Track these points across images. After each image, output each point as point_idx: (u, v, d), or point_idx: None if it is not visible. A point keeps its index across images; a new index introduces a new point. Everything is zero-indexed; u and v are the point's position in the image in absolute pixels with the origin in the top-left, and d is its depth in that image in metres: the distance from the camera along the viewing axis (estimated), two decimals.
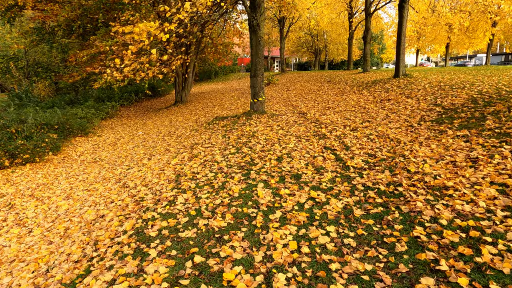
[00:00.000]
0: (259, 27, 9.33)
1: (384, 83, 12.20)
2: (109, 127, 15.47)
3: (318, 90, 14.56)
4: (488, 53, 29.46)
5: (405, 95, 9.60)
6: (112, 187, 6.20)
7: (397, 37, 12.42)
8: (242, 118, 9.45)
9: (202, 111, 13.72)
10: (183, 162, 6.41)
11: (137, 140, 11.07)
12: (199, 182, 5.02)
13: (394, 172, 4.47)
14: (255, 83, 9.72)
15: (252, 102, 9.88)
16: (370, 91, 11.53)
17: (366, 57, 18.58)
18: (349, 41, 24.02)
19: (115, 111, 19.50)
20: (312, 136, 7.01)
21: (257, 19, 9.24)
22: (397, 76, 12.47)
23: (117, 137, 12.73)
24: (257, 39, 9.44)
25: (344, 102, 10.71)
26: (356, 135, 6.66)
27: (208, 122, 10.32)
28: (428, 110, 7.55)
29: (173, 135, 10.04)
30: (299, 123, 8.58)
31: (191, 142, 8.14)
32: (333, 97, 12.02)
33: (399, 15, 12.20)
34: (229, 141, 7.32)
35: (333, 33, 30.20)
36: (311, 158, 5.57)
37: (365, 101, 10.12)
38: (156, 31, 7.06)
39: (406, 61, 63.18)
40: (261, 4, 9.28)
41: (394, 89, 10.77)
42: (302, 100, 12.72)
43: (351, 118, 8.39)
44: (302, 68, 46.63)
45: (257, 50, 9.52)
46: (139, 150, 9.02)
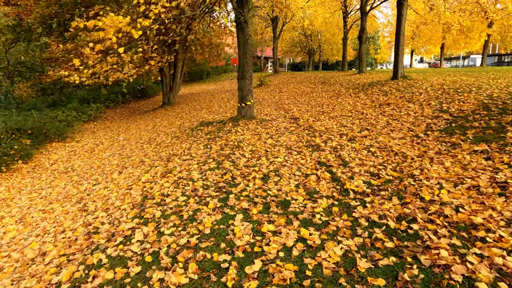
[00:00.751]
0: (247, 24, 8.42)
1: (382, 85, 11.36)
2: (90, 131, 14.46)
3: (312, 92, 13.69)
4: (484, 54, 28.84)
5: (406, 99, 8.76)
6: (70, 208, 5.24)
7: (395, 36, 11.59)
8: (229, 124, 8.54)
9: (188, 115, 12.77)
10: (155, 178, 5.48)
11: (116, 147, 10.11)
12: (167, 209, 4.10)
13: (404, 199, 3.59)
14: (242, 86, 8.81)
15: (240, 106, 8.97)
16: (367, 94, 10.67)
17: (361, 57, 17.76)
18: (343, 41, 23.20)
19: (99, 113, 18.45)
20: (304, 147, 6.12)
21: (244, 15, 8.33)
22: (396, 78, 11.64)
23: (96, 143, 11.75)
24: (244, 37, 8.53)
25: (339, 106, 9.84)
26: (355, 147, 5.78)
27: (192, 128, 9.39)
28: (434, 117, 6.69)
29: (153, 142, 9.09)
30: (290, 131, 7.69)
31: (169, 152, 7.20)
32: (328, 100, 11.15)
33: (398, 13, 11.37)
34: (210, 152, 6.40)
35: (327, 33, 29.39)
36: (302, 177, 4.67)
37: (363, 106, 9.26)
38: (127, 27, 6.12)
39: None
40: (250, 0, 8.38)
41: (393, 92, 9.92)
42: (294, 103, 11.84)
43: (347, 125, 7.51)
44: (296, 69, 45.78)
45: (245, 49, 8.61)
46: (113, 160, 8.06)
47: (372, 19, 21.47)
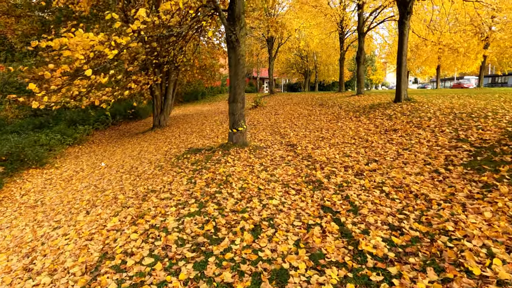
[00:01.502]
0: (239, 43, 7.61)
1: (385, 108, 10.54)
2: (73, 156, 13.43)
3: (309, 115, 12.85)
4: (481, 75, 28.48)
5: (414, 124, 7.89)
6: (15, 265, 4.18)
7: (397, 57, 10.87)
8: (218, 153, 7.58)
9: (177, 139, 11.82)
10: (122, 225, 4.46)
11: (95, 176, 9.09)
12: (125, 278, 3.08)
13: (444, 273, 2.61)
14: (234, 110, 7.92)
15: (231, 132, 8.04)
16: (370, 118, 9.82)
17: (359, 78, 17.09)
18: (340, 62, 22.65)
19: (86, 136, 17.48)
20: (304, 184, 5.15)
21: (236, 33, 7.54)
22: (399, 101, 10.84)
23: (76, 170, 10.72)
24: (236, 58, 7.70)
25: (340, 131, 8.96)
26: (364, 185, 4.82)
27: (178, 156, 8.42)
28: (453, 147, 5.79)
29: (133, 172, 8.08)
30: (287, 161, 6.74)
31: (148, 187, 6.20)
32: (327, 124, 10.28)
33: (400, 33, 10.69)
34: (194, 189, 5.41)
35: (324, 54, 29.02)
36: (303, 228, 3.68)
37: (366, 131, 8.37)
38: (99, 46, 5.25)
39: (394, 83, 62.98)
40: (241, 16, 7.60)
41: (399, 116, 9.07)
42: (291, 127, 10.96)
43: (352, 154, 6.58)
44: (292, 89, 45.41)
45: (237, 70, 7.78)
46: (86, 195, 7.03)
47: (369, 40, 21.00)
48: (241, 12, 7.60)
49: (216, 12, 7.54)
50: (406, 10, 10.30)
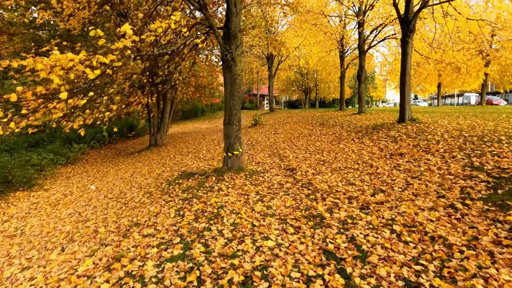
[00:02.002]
0: (235, 62, 7.18)
1: (388, 129, 10.03)
2: (65, 177, 12.88)
3: (310, 134, 12.35)
4: (483, 92, 28.16)
5: (422, 148, 7.35)
6: None
7: (400, 76, 10.44)
8: (212, 179, 7.03)
9: (172, 161, 11.29)
10: (95, 270, 3.87)
11: (82, 201, 8.53)
12: None
13: None
14: (229, 132, 7.42)
15: (226, 156, 7.51)
16: (373, 139, 9.30)
17: (361, 96, 16.68)
18: (340, 79, 22.33)
19: (81, 155, 16.97)
20: (303, 220, 4.58)
21: (232, 52, 7.11)
22: (403, 121, 10.34)
23: (65, 193, 10.16)
24: (232, 77, 7.26)
25: (342, 154, 8.42)
26: (371, 221, 4.25)
27: (170, 181, 7.87)
28: (467, 177, 5.23)
29: (121, 199, 7.52)
30: (286, 189, 6.18)
31: (132, 219, 5.62)
32: (328, 146, 9.75)
33: (402, 51, 10.30)
34: (181, 223, 4.84)
35: (324, 71, 28.80)
36: (302, 283, 3.09)
37: (370, 155, 7.83)
38: (79, 66, 4.78)
39: (397, 100, 62.62)
40: (238, 34, 7.20)
41: (404, 138, 8.55)
42: (291, 148, 10.44)
43: (356, 182, 6.02)
44: (292, 106, 45.18)
45: (233, 90, 7.32)
46: (67, 225, 6.45)
47: (370, 58, 20.72)
48: (237, 30, 7.20)
49: (211, 30, 7.14)
50: (408, 28, 9.93)
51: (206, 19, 6.91)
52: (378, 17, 14.64)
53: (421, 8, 9.55)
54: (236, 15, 7.18)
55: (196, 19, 7.13)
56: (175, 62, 9.90)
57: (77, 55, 4.78)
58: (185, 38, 7.10)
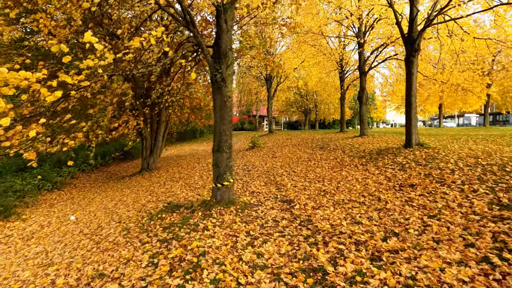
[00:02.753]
0: (225, 82, 6.45)
1: (394, 155, 9.20)
2: (48, 204, 11.97)
3: (309, 159, 11.51)
4: (486, 113, 27.49)
5: (435, 179, 6.49)
6: None
7: (406, 97, 9.71)
8: (198, 214, 6.15)
9: (160, 188, 10.41)
10: None
11: (56, 236, 7.63)
12: None
13: None
14: (219, 161, 6.59)
15: (215, 188, 6.65)
16: (378, 166, 8.45)
17: (362, 118, 15.94)
18: (341, 101, 21.66)
19: (70, 179, 16.10)
20: (301, 276, 3.66)
21: (222, 72, 6.39)
22: (410, 146, 9.52)
23: (43, 224, 9.26)
24: (222, 99, 6.50)
25: (345, 183, 7.56)
26: (386, 280, 3.35)
27: (152, 215, 6.97)
28: (498, 218, 4.34)
29: (96, 236, 6.62)
30: (281, 228, 5.28)
31: (98, 267, 4.71)
32: (330, 173, 8.90)
33: (407, 71, 9.60)
34: (152, 278, 3.92)
35: (324, 92, 28.24)
36: None
37: (376, 185, 6.96)
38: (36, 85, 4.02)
39: (397, 121, 62.01)
40: (228, 53, 6.50)
41: (413, 166, 7.70)
42: (289, 174, 9.58)
43: (363, 221, 5.13)
44: (292, 127, 44.57)
45: (223, 113, 6.55)
46: (26, 271, 5.52)
47: (370, 79, 20.14)
48: (228, 48, 6.51)
49: (200, 48, 6.44)
50: (413, 47, 9.28)
51: (194, 36, 6.21)
52: (379, 37, 14.11)
53: (426, 26, 8.92)
54: (226, 32, 6.51)
55: (183, 36, 6.45)
56: (164, 83, 9.19)
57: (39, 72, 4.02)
58: (167, 57, 6.38)
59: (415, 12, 9.08)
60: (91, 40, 4.09)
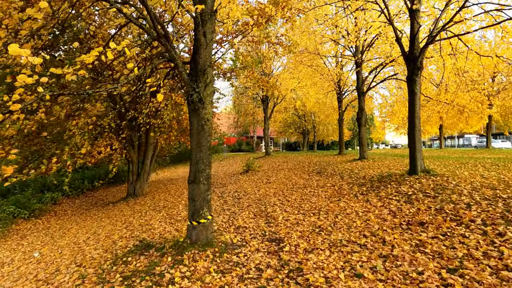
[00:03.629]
0: (203, 103, 5.55)
1: (398, 183, 8.19)
2: (20, 235, 10.87)
3: (305, 186, 10.50)
4: (488, 134, 26.62)
5: (449, 215, 5.47)
6: None
7: (408, 119, 8.81)
8: (167, 258, 5.11)
9: (139, 219, 9.34)
10: None
11: (14, 275, 6.54)
12: None
13: None
14: (195, 194, 5.60)
15: (190, 225, 5.62)
16: (381, 197, 7.44)
17: (362, 141, 15.01)
18: (339, 122, 20.82)
19: (52, 205, 15.02)
20: None
21: (199, 91, 5.52)
22: (415, 173, 8.53)
23: (4, 262, 8.16)
24: (199, 123, 5.59)
25: (343, 218, 6.53)
26: None
27: (117, 258, 5.91)
28: None
29: (48, 284, 5.54)
30: (264, 281, 4.23)
31: None
32: (326, 203, 7.88)
33: (409, 91, 8.74)
34: None
35: (322, 113, 27.47)
36: None
37: (380, 221, 5.94)
38: None
39: (397, 141, 61.19)
40: (207, 70, 5.64)
41: (421, 198, 6.69)
42: (282, 204, 8.56)
43: (365, 273, 4.08)
44: (290, 148, 43.68)
45: (200, 139, 5.61)
46: None
47: (369, 99, 19.35)
48: (207, 65, 5.66)
49: (174, 63, 5.58)
50: (415, 65, 8.46)
51: (166, 50, 5.37)
52: (378, 57, 13.38)
53: (428, 43, 8.13)
54: (205, 46, 5.67)
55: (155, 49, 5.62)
56: (145, 104, 8.33)
57: None
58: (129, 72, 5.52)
59: (417, 28, 8.32)
60: (20, 53, 3.22)
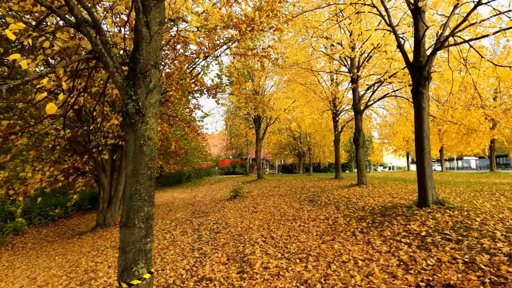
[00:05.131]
0: (142, 115, 3.99)
1: (407, 218, 6.52)
2: None
3: (295, 218, 8.81)
4: (492, 156, 25.06)
5: (485, 271, 3.80)
6: None
7: (415, 140, 7.24)
8: None
9: (90, 262, 7.58)
10: None
11: None
12: None
13: None
14: (127, 242, 3.92)
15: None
16: (386, 238, 5.76)
17: (360, 164, 13.40)
18: (335, 144, 19.28)
19: (14, 236, 13.20)
20: None
21: (138, 99, 3.97)
22: (425, 205, 6.88)
23: None
24: (136, 142, 3.99)
25: (338, 268, 4.84)
26: None
27: None
28: None
29: None
30: None
31: None
32: (317, 244, 6.18)
33: (416, 106, 7.23)
34: None
35: (317, 135, 25.96)
36: None
37: (387, 278, 4.24)
38: None
39: (395, 163, 59.47)
40: (150, 72, 4.11)
41: (438, 241, 5.02)
42: (265, 243, 6.86)
43: None
44: (286, 171, 41.97)
45: (137, 165, 3.99)
46: None
47: (366, 120, 17.88)
48: (151, 64, 4.14)
49: (101, 60, 4.06)
50: (422, 75, 7.00)
51: (90, 42, 3.87)
52: (376, 72, 11.99)
53: (437, 49, 6.71)
54: (149, 41, 4.18)
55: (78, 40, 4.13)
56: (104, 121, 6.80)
57: None
58: None
59: (423, 31, 6.92)
60: None
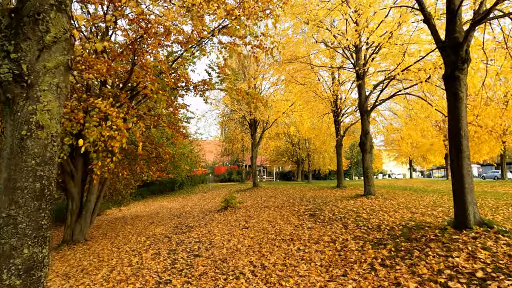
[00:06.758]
0: (30, 88, 2.27)
1: (443, 245, 4.76)
2: None
3: (292, 238, 7.04)
4: (503, 163, 23.36)
5: None
6: None
7: (450, 140, 5.52)
8: None
9: None
10: None
11: None
12: None
13: None
14: None
15: None
16: (421, 276, 3.97)
17: (367, 172, 11.65)
18: (337, 149, 17.55)
19: None
20: None
21: (20, 59, 2.27)
22: (465, 226, 5.12)
23: None
24: (15, 132, 2.30)
25: None
26: None
27: None
28: None
29: None
30: None
31: None
32: (323, 283, 4.41)
33: (451, 96, 5.50)
34: None
35: (317, 140, 24.22)
36: None
37: None
38: None
39: (395, 171, 57.75)
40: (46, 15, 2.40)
41: (504, 284, 3.28)
42: (252, 275, 5.13)
43: None
44: (285, 178, 40.14)
45: (14, 172, 2.27)
46: None
47: (372, 122, 16.15)
48: (50, 3, 2.43)
49: None
50: (458, 56, 5.30)
51: None
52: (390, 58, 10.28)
53: (479, 20, 5.03)
54: None
55: None
56: None
57: None
58: None
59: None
60: None
